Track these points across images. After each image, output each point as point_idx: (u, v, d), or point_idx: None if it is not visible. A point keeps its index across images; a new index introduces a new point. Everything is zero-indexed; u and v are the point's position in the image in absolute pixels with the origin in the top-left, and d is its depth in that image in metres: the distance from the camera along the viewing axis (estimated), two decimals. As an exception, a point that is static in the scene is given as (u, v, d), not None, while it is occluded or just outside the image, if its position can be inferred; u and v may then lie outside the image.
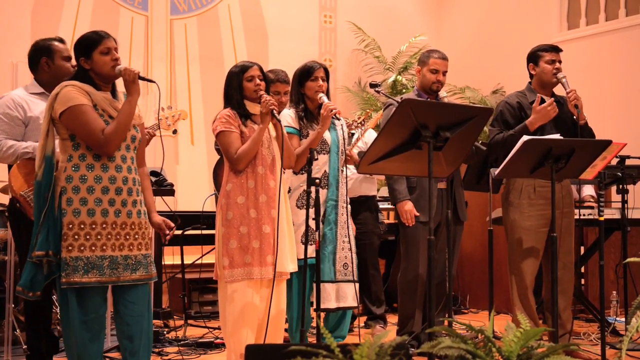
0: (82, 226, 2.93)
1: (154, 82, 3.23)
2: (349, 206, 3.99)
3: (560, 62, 4.17)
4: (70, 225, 2.93)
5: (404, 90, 8.19)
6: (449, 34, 9.20)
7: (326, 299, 3.76)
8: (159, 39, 7.39)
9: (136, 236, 3.06)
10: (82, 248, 2.92)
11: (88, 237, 2.94)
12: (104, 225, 2.97)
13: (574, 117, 4.08)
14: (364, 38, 8.53)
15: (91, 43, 3.05)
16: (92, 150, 2.99)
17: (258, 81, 3.48)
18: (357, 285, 3.95)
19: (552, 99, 4.09)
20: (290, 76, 4.51)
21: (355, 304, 3.90)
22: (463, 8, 9.12)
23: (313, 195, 3.40)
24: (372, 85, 4.24)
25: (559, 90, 4.25)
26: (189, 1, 7.59)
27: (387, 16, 8.84)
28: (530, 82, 4.26)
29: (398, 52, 8.62)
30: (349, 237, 3.90)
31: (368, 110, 7.32)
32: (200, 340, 4.51)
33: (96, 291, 2.98)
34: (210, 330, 4.82)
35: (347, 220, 3.94)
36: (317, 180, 3.39)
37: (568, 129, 4.12)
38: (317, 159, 3.66)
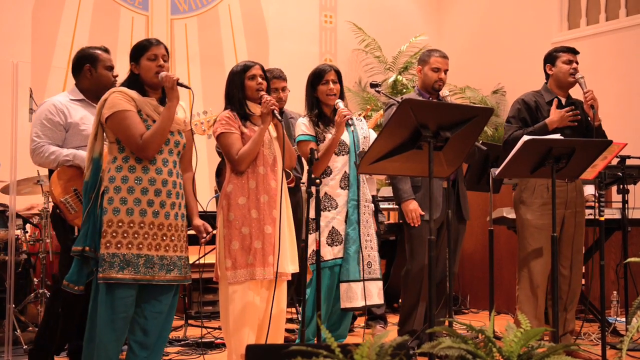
0: (120, 224, 3.02)
1: (190, 88, 3.28)
2: (371, 205, 3.99)
3: (577, 63, 4.21)
4: (110, 223, 3.02)
5: (404, 90, 8.19)
6: (450, 34, 9.20)
7: (353, 298, 3.77)
8: (160, 39, 7.38)
9: (172, 238, 3.14)
10: (119, 245, 3.01)
11: (125, 235, 3.02)
12: (142, 225, 3.05)
13: (589, 118, 4.10)
14: (364, 38, 8.53)
15: (141, 49, 3.18)
16: (135, 153, 3.07)
17: (260, 80, 3.48)
18: (381, 282, 3.95)
19: (572, 107, 4.11)
20: (287, 74, 4.54)
21: (381, 302, 3.92)
22: (463, 8, 9.12)
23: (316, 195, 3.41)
24: (373, 85, 4.23)
25: (574, 92, 4.27)
26: (189, 1, 7.59)
27: (388, 16, 8.84)
28: (546, 83, 4.29)
29: (398, 52, 8.62)
30: (371, 236, 3.91)
31: (368, 107, 7.31)
32: (200, 340, 4.51)
33: (128, 291, 3.04)
34: (209, 331, 4.82)
35: (370, 220, 3.95)
36: (318, 181, 3.40)
37: (582, 130, 4.14)
38: (317, 159, 3.65)
